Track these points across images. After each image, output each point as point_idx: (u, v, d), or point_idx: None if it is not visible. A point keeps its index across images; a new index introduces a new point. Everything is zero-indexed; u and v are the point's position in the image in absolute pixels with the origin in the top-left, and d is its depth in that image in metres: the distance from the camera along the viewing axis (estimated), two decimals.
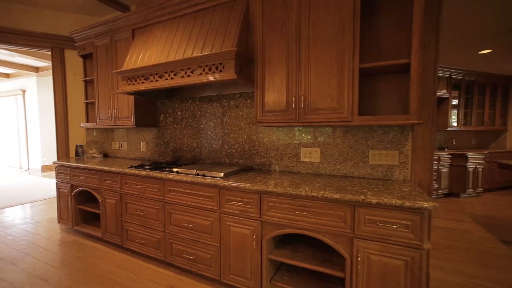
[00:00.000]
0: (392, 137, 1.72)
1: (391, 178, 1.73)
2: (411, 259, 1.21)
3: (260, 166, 2.17)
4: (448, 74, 4.38)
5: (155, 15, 2.26)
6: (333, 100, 1.58)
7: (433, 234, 2.74)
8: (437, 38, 1.60)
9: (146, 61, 2.12)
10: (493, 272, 2.00)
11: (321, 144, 1.93)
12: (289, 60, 1.70)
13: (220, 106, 2.35)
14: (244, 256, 1.64)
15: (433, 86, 1.65)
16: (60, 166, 2.71)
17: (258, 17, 1.79)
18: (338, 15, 1.54)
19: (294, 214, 1.47)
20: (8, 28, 2.76)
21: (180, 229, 1.91)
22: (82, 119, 3.18)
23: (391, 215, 1.24)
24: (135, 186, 2.13)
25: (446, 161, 4.32)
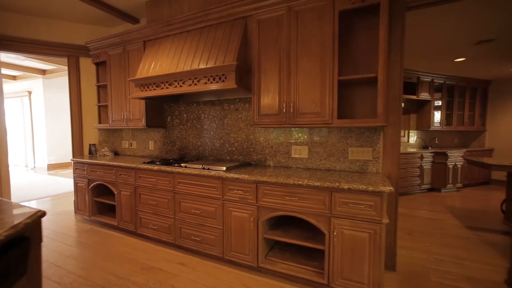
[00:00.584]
0: (367, 136, 2.06)
1: (366, 171, 2.07)
2: (373, 231, 1.55)
3: (256, 162, 2.51)
4: (430, 79, 4.75)
5: (164, 30, 2.58)
6: (317, 105, 1.92)
7: (411, 223, 3.09)
8: (401, 56, 1.94)
9: (157, 70, 2.44)
10: (454, 250, 2.35)
11: (309, 143, 2.27)
12: (281, 72, 2.04)
13: (222, 110, 2.68)
14: (243, 236, 1.98)
15: (399, 95, 1.99)
16: (77, 163, 3.02)
17: (255, 36, 2.12)
18: (320, 37, 1.87)
19: (284, 200, 1.80)
20: (30, 39, 3.06)
21: (188, 215, 2.23)
22: (94, 120, 3.48)
23: (359, 198, 1.58)
24: (148, 179, 2.45)
25: (429, 158, 4.69)
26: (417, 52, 3.74)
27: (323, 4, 1.86)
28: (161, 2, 2.70)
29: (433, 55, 3.81)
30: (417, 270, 2.04)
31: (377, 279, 1.56)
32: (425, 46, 3.48)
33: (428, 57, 3.89)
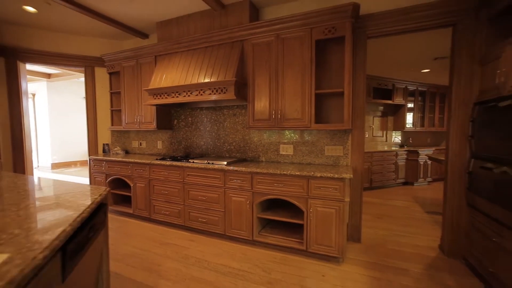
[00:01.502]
0: (339, 137, 2.61)
1: (338, 164, 2.62)
2: (338, 208, 2.09)
3: (251, 158, 3.02)
4: (404, 86, 5.37)
5: (174, 47, 3.07)
6: (299, 113, 2.45)
7: (382, 210, 3.67)
8: (364, 74, 2.48)
9: (168, 82, 2.92)
10: (409, 228, 2.93)
11: (294, 142, 2.80)
12: (270, 86, 2.56)
13: (222, 114, 3.18)
14: (241, 216, 2.49)
15: (363, 104, 2.54)
16: (95, 160, 3.46)
17: (250, 56, 2.64)
18: (301, 59, 2.41)
19: (273, 186, 2.33)
20: (52, 52, 3.48)
21: (196, 201, 2.73)
22: (107, 123, 3.91)
23: (328, 183, 2.11)
24: (161, 173, 2.93)
25: (403, 156, 5.31)
26: (391, 64, 4.34)
27: (303, 34, 2.39)
28: (170, 23, 3.18)
29: (403, 66, 4.41)
30: (377, 241, 2.60)
31: (341, 243, 2.10)
32: (396, 60, 4.08)
33: (400, 68, 4.50)
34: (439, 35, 2.89)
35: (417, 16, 2.24)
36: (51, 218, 0.95)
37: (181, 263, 2.16)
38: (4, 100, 3.29)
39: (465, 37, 2.11)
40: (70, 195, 1.28)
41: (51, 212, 1.04)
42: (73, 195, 1.30)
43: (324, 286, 1.85)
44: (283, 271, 2.04)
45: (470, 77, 2.11)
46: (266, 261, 2.20)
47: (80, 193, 1.34)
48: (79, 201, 1.17)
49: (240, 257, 2.27)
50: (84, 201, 1.17)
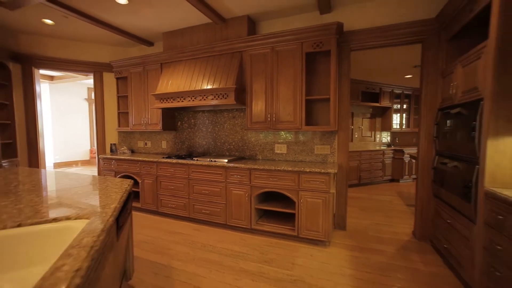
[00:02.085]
0: (327, 137, 2.96)
1: (326, 162, 2.97)
2: (325, 198, 2.44)
3: (249, 156, 3.36)
4: (390, 90, 5.77)
5: (178, 56, 3.38)
6: (291, 116, 2.79)
7: (367, 203, 4.04)
8: (348, 82, 2.84)
9: (174, 87, 3.23)
10: (390, 219, 3.31)
11: (287, 142, 3.15)
12: (266, 92, 2.90)
13: (222, 117, 3.51)
14: (241, 207, 2.82)
15: (348, 108, 2.89)
16: (105, 159, 3.75)
17: (248, 65, 2.97)
18: (293, 69, 2.75)
19: (269, 180, 2.66)
20: (64, 59, 3.76)
21: (200, 195, 3.05)
22: (114, 124, 4.20)
23: (316, 177, 2.46)
24: (167, 170, 3.24)
25: (389, 155, 5.71)
26: (377, 70, 4.72)
27: (295, 47, 2.73)
28: (175, 34, 3.49)
29: (388, 72, 4.80)
30: (360, 229, 2.96)
31: (327, 229, 2.45)
32: (382, 67, 4.46)
33: (386, 74, 4.89)
34: (415, 47, 3.26)
35: (392, 34, 2.61)
36: (105, 197, 1.28)
37: (189, 248, 2.48)
38: (20, 104, 3.56)
39: (431, 53, 2.48)
40: (110, 184, 1.60)
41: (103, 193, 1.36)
42: (112, 184, 1.61)
43: (312, 263, 2.19)
44: (277, 253, 2.38)
45: (435, 87, 2.49)
46: (262, 245, 2.54)
47: (114, 183, 1.66)
48: (117, 188, 1.49)
49: (240, 242, 2.60)
50: (121, 187, 1.49)
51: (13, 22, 3.20)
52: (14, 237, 0.87)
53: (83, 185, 1.61)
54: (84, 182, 1.70)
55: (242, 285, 1.87)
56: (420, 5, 2.49)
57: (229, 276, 1.99)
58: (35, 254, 0.89)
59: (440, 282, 1.91)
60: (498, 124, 1.51)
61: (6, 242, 0.86)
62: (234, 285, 1.87)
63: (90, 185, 1.61)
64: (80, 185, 1.62)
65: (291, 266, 2.14)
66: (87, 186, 1.58)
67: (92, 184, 1.65)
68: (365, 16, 2.72)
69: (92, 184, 1.64)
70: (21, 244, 0.88)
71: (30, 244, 0.89)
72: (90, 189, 1.50)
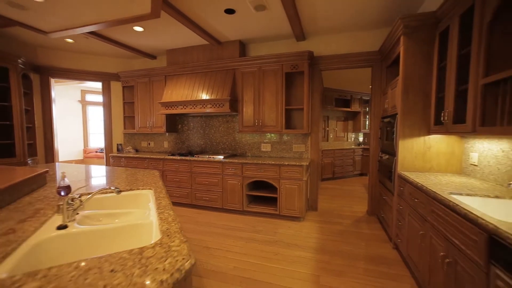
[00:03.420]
0: (302, 138, 3.76)
1: (302, 157, 3.76)
2: (299, 184, 3.22)
3: (240, 154, 4.08)
4: (359, 96, 6.73)
5: (180, 70, 4.04)
6: (274, 122, 3.55)
7: (336, 192, 4.90)
8: (319, 95, 3.64)
9: (178, 97, 3.88)
10: (351, 203, 4.17)
11: (271, 142, 3.91)
12: (254, 102, 3.64)
13: (218, 121, 4.21)
14: (235, 194, 3.54)
15: (318, 116, 3.70)
16: (115, 157, 4.32)
17: (239, 80, 3.70)
18: (275, 85, 3.51)
19: (257, 172, 3.41)
20: (76, 69, 4.28)
21: (200, 185, 3.74)
22: (120, 127, 4.76)
23: (293, 169, 3.24)
24: (172, 165, 3.89)
25: (359, 152, 6.66)
26: (348, 81, 5.62)
27: (277, 68, 3.50)
28: (178, 51, 4.14)
29: (356, 83, 5.72)
30: (328, 210, 3.79)
31: (301, 208, 3.24)
32: (351, 78, 5.35)
33: (354, 84, 5.81)
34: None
35: (349, 60, 3.44)
36: (147, 179, 1.96)
37: (194, 225, 3.17)
38: (38, 109, 4.05)
39: (377, 76, 3.35)
40: (141, 172, 2.28)
41: (143, 177, 2.04)
42: (143, 172, 2.29)
43: (289, 231, 2.97)
44: (264, 226, 3.13)
45: (379, 101, 3.35)
46: (253, 222, 3.28)
47: (144, 172, 2.33)
48: (150, 175, 2.17)
49: (235, 220, 3.33)
50: (153, 174, 2.18)
51: (36, 39, 3.70)
52: (125, 197, 1.56)
53: (126, 173, 2.26)
54: (122, 172, 2.36)
55: (239, 245, 2.60)
56: (368, 41, 3.34)
57: (229, 240, 2.71)
58: (136, 203, 1.58)
59: (375, 238, 2.75)
60: (404, 130, 2.36)
61: (122, 199, 1.54)
62: (233, 245, 2.60)
63: (130, 173, 2.27)
64: (124, 173, 2.28)
65: (274, 233, 2.90)
66: (129, 174, 2.24)
67: (130, 173, 2.31)
68: (330, 46, 3.54)
69: (131, 173, 2.30)
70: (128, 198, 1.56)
71: (133, 198, 1.58)
72: (132, 175, 2.17)
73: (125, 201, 1.57)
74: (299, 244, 2.64)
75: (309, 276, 2.04)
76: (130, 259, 0.75)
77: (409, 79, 2.32)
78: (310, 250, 2.50)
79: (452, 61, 1.88)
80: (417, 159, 2.35)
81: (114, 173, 2.27)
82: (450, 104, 1.89)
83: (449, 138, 2.26)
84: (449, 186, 1.72)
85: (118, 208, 1.54)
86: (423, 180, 1.92)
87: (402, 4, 2.68)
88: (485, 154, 1.92)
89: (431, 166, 2.32)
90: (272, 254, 2.41)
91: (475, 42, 1.59)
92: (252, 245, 2.60)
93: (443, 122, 1.99)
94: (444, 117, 1.97)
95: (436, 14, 2.12)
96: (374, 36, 3.31)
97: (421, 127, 2.32)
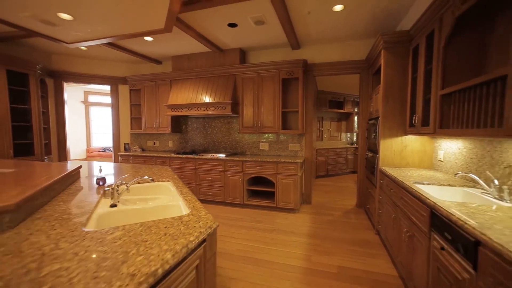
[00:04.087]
0: (297, 138, 4.12)
1: (297, 155, 4.12)
2: (294, 180, 3.58)
3: (240, 152, 4.43)
4: (352, 99, 7.12)
5: (185, 75, 4.36)
6: (271, 123, 3.91)
7: (330, 188, 5.28)
8: (314, 99, 4.01)
9: (183, 100, 4.21)
10: (344, 197, 4.55)
11: (269, 141, 4.26)
12: (254, 105, 3.99)
13: (219, 122, 4.55)
14: (235, 189, 3.89)
15: (312, 117, 4.06)
16: (123, 156, 4.63)
17: (240, 85, 4.04)
18: (273, 89, 3.87)
19: (256, 169, 3.76)
20: (87, 74, 4.58)
21: (204, 181, 4.08)
22: (127, 127, 5.06)
23: (288, 165, 3.59)
24: (178, 163, 4.22)
25: (351, 151, 7.05)
26: (340, 84, 5.99)
27: (274, 74, 3.85)
28: (182, 57, 4.47)
29: (349, 86, 6.10)
30: (321, 204, 4.16)
31: (296, 200, 3.60)
32: (343, 82, 5.73)
33: (347, 86, 6.19)
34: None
35: (340, 67, 3.81)
36: (163, 173, 2.30)
37: None
38: (53, 111, 4.35)
39: (364, 82, 3.72)
40: (156, 167, 2.62)
41: (159, 171, 2.38)
42: (159, 167, 2.63)
43: (286, 221, 3.32)
44: (263, 217, 3.48)
45: (367, 105, 3.73)
46: (253, 214, 3.63)
47: (160, 168, 2.67)
48: (164, 169, 2.51)
49: (237, 212, 3.68)
50: (166, 169, 2.52)
51: (52, 46, 4.00)
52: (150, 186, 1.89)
53: (143, 169, 2.59)
54: (139, 168, 2.69)
55: (242, 232, 2.95)
56: (356, 50, 3.71)
57: (232, 229, 3.06)
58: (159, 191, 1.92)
59: (361, 226, 3.12)
60: (384, 131, 2.73)
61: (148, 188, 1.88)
62: (237, 232, 2.95)
63: (146, 168, 2.60)
64: (141, 169, 2.61)
65: (272, 223, 3.26)
66: (146, 169, 2.57)
67: (146, 168, 2.64)
68: (323, 54, 3.90)
69: (147, 168, 2.63)
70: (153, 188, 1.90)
71: (156, 188, 1.92)
72: (149, 170, 2.50)
73: (150, 189, 1.91)
74: (294, 231, 2.99)
75: (302, 256, 2.40)
76: (175, 221, 1.10)
77: (389, 88, 2.69)
78: (303, 236, 2.86)
79: (420, 74, 2.25)
80: (395, 156, 2.73)
81: (133, 169, 2.60)
82: (419, 110, 2.27)
83: (422, 138, 2.64)
84: (416, 178, 2.09)
85: (147, 195, 1.87)
86: (398, 174, 2.29)
87: (384, 20, 3.05)
88: (448, 152, 2.30)
89: (407, 162, 2.70)
90: (270, 239, 2.76)
91: (435, 60, 1.96)
92: (253, 233, 2.95)
93: (415, 125, 2.36)
94: (415, 120, 2.34)
95: (409, 33, 2.49)
96: (362, 46, 3.68)
97: (399, 129, 2.70)
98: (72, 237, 0.92)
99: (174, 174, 2.28)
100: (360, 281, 2.00)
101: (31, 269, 0.71)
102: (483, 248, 0.94)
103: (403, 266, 1.89)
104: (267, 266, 2.22)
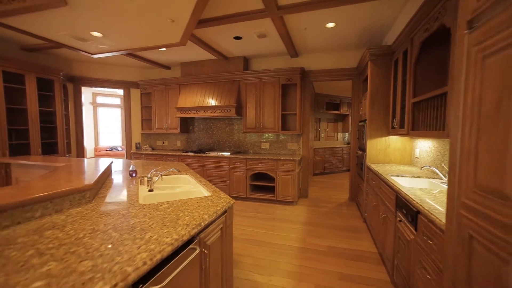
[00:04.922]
0: (295, 138, 4.52)
1: (295, 154, 4.53)
2: (293, 175, 3.99)
3: (244, 151, 4.83)
4: (347, 101, 7.52)
5: (193, 80, 4.77)
6: (272, 124, 4.31)
7: (326, 184, 5.68)
8: (311, 103, 4.41)
9: (191, 103, 4.61)
10: (338, 192, 4.96)
11: (270, 141, 4.67)
12: (256, 108, 4.39)
13: (224, 123, 4.95)
14: (240, 184, 4.30)
15: (309, 119, 4.46)
16: (135, 154, 5.03)
17: (244, 90, 4.45)
18: (273, 94, 4.27)
19: (258, 165, 4.17)
20: (103, 78, 4.98)
21: (211, 177, 4.48)
22: (138, 128, 5.47)
23: (287, 162, 4.00)
24: (187, 160, 4.63)
25: (347, 151, 7.46)
26: (336, 87, 6.40)
27: (274, 80, 4.25)
28: (190, 64, 4.87)
29: (344, 89, 6.50)
30: (317, 197, 4.56)
31: (294, 194, 4.01)
32: (339, 85, 6.14)
33: (343, 89, 6.60)
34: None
35: (334, 74, 4.22)
36: (180, 167, 2.71)
37: None
38: (72, 113, 4.75)
39: (356, 87, 4.13)
40: (173, 162, 3.02)
41: (176, 166, 2.79)
42: (176, 163, 3.03)
43: (285, 212, 3.73)
44: (265, 209, 3.89)
45: (358, 107, 4.13)
46: (255, 206, 4.04)
47: (176, 163, 3.07)
48: (180, 164, 2.92)
49: (241, 205, 4.09)
50: (182, 164, 2.92)
51: (73, 54, 4.40)
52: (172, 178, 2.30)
53: (161, 165, 3.00)
54: (157, 164, 3.09)
55: (246, 221, 3.36)
56: (348, 59, 4.12)
57: (237, 218, 3.47)
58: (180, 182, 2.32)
59: (351, 216, 3.53)
60: (371, 132, 3.13)
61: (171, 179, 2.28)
62: (241, 221, 3.35)
63: (164, 164, 3.00)
64: (159, 165, 3.01)
65: (273, 213, 3.67)
66: (164, 165, 2.97)
67: (164, 164, 3.04)
68: (318, 62, 4.31)
69: (165, 164, 3.03)
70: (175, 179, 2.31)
71: (176, 179, 2.32)
72: (166, 165, 2.90)
73: (173, 180, 2.32)
74: (292, 220, 3.40)
75: (298, 238, 2.81)
76: (202, 200, 1.51)
77: (375, 94, 3.10)
78: (300, 223, 3.27)
79: (399, 84, 2.65)
80: (380, 154, 3.14)
81: (152, 164, 3.00)
82: (398, 114, 2.67)
83: (402, 138, 3.05)
84: (393, 172, 2.50)
85: (172, 184, 2.28)
86: (380, 169, 2.70)
87: (371, 34, 3.45)
88: (422, 150, 2.71)
89: (390, 159, 3.11)
90: (271, 226, 3.17)
91: (408, 73, 2.37)
92: (255, 221, 3.36)
93: (395, 127, 2.77)
94: (394, 123, 2.75)
95: (391, 47, 2.90)
96: (353, 56, 4.09)
97: (383, 130, 3.11)
98: (135, 207, 1.33)
99: (189, 169, 2.68)
100: (345, 256, 2.41)
101: (123, 220, 1.12)
102: (420, 215, 1.34)
103: (380, 243, 2.30)
104: (268, 246, 2.63)
